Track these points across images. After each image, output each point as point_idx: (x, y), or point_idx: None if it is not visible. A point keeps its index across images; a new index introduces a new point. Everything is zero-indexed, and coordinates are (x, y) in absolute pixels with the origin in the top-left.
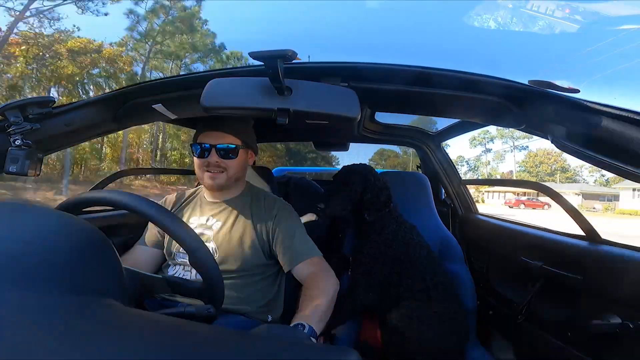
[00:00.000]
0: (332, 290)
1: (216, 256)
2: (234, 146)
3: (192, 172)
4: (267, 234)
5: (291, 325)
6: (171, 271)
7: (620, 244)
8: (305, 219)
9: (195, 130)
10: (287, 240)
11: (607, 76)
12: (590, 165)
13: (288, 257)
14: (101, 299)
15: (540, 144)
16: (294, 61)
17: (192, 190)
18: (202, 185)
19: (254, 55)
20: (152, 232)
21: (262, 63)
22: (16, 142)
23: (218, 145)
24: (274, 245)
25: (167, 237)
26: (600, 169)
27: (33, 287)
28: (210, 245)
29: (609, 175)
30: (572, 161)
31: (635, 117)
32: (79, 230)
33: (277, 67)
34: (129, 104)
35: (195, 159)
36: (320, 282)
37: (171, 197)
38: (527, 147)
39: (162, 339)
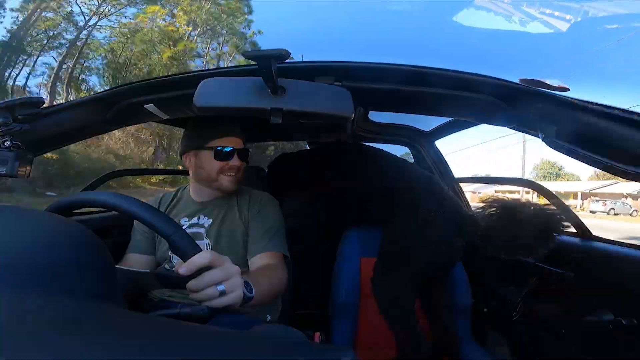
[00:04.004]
0: (278, 284)
1: None
2: (247, 149)
3: (185, 173)
4: (249, 225)
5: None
6: None
7: (612, 240)
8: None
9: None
10: (259, 231)
11: (597, 74)
12: None
13: (252, 245)
14: (95, 301)
15: None
16: (287, 61)
17: (173, 191)
18: (187, 185)
19: (247, 54)
20: (140, 237)
21: (255, 63)
22: (5, 144)
23: (240, 149)
24: (248, 232)
25: (159, 240)
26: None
27: (25, 290)
28: (204, 242)
29: None
30: None
31: (625, 114)
32: (71, 233)
33: (270, 67)
34: (120, 105)
35: (214, 162)
36: (275, 271)
37: (153, 200)
38: None
39: (158, 341)
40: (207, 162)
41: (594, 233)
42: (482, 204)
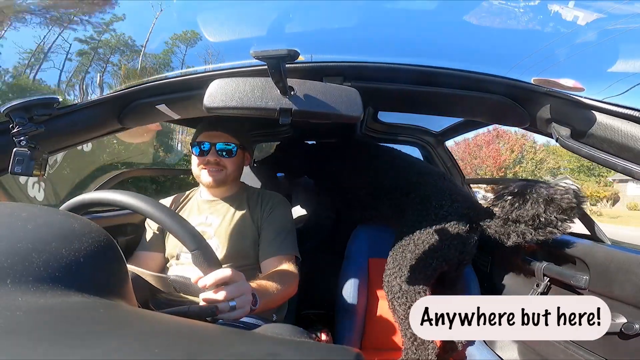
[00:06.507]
0: (287, 289)
1: (218, 252)
2: (232, 146)
3: None
4: (261, 226)
5: None
6: (175, 271)
7: (626, 243)
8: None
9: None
10: (271, 233)
11: (614, 75)
12: None
13: (265, 248)
14: (106, 299)
15: None
16: (296, 61)
17: (187, 192)
18: (199, 186)
19: (257, 55)
20: (151, 235)
21: (264, 63)
22: (21, 143)
23: (217, 145)
24: (259, 234)
25: (168, 238)
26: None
27: (38, 287)
28: (213, 242)
29: None
30: None
31: None
32: (84, 230)
33: (279, 67)
34: (132, 105)
35: (194, 157)
36: (284, 276)
37: (167, 201)
38: None
39: (166, 339)
40: (192, 158)
41: None
42: (495, 194)
